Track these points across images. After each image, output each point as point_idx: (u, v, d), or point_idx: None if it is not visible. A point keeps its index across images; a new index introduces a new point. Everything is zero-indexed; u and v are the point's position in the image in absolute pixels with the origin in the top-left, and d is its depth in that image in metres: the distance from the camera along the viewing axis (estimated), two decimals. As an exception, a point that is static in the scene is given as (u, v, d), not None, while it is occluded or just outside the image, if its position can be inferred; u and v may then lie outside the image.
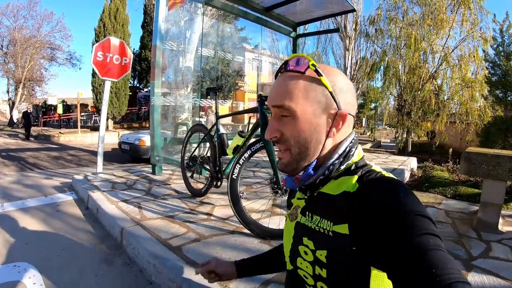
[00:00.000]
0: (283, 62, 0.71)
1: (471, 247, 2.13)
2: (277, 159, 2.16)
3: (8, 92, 22.80)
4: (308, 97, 0.66)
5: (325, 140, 0.68)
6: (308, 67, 0.66)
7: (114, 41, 4.57)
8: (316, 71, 0.66)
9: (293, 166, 0.70)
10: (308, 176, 0.70)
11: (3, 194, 3.59)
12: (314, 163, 0.69)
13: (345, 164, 0.69)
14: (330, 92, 0.66)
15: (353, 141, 0.71)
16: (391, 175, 0.66)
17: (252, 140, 2.36)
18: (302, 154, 0.68)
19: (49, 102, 23.04)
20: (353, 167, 0.69)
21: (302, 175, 0.71)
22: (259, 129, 2.30)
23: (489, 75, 12.05)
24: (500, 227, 2.46)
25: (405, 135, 11.48)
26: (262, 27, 5.27)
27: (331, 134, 0.68)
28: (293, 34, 5.75)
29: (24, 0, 26.20)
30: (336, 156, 0.68)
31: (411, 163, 5.70)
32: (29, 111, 16.24)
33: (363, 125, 32.28)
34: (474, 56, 9.98)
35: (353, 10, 5.02)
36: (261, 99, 2.20)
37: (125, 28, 17.18)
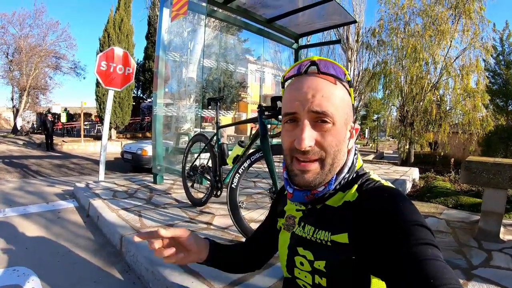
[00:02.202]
0: (304, 62, 0.65)
1: (472, 256, 2.11)
2: (277, 169, 2.17)
3: (12, 99, 23.08)
4: (343, 105, 0.63)
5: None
6: (345, 75, 0.65)
7: (118, 51, 4.64)
8: (349, 82, 0.66)
9: (322, 178, 0.64)
10: (327, 191, 0.66)
11: (5, 200, 3.61)
12: (335, 176, 0.66)
13: (351, 176, 0.68)
14: (353, 105, 0.67)
15: (356, 152, 0.71)
16: (390, 184, 0.66)
17: (252, 150, 2.36)
18: (334, 165, 0.64)
19: (53, 111, 23.27)
20: (354, 176, 0.69)
21: (322, 190, 0.66)
22: (259, 139, 2.30)
23: (490, 84, 12.09)
24: (501, 236, 2.44)
25: (407, 146, 11.44)
26: (264, 39, 5.34)
27: (348, 147, 0.68)
28: (295, 46, 5.80)
29: (30, 9, 26.70)
30: (346, 169, 0.67)
31: (413, 173, 5.68)
32: (50, 119, 14.52)
33: (366, 136, 32.24)
34: (476, 66, 10.01)
35: (354, 22, 5.09)
36: (261, 109, 2.17)
37: (129, 38, 17.45)
